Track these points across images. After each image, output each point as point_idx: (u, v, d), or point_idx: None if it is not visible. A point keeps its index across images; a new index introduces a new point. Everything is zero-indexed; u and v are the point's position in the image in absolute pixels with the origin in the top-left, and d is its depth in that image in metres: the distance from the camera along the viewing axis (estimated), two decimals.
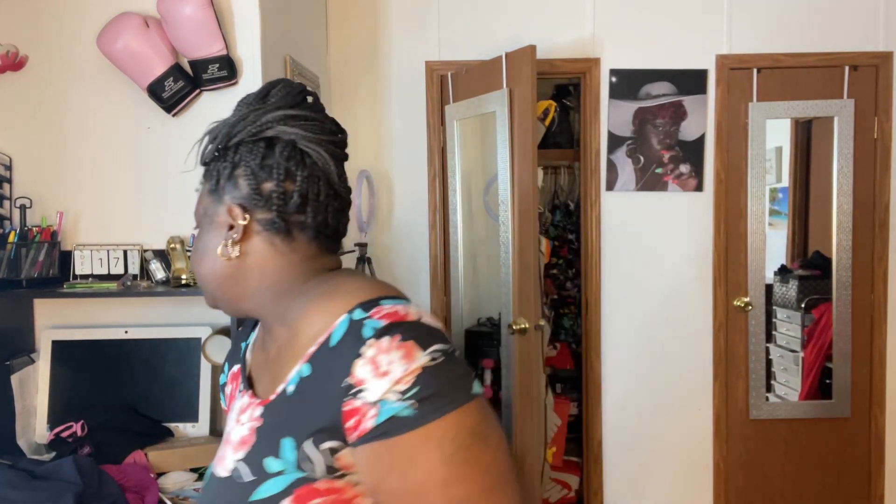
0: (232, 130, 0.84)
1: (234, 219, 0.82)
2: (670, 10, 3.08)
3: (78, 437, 1.89)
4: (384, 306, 0.74)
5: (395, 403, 0.69)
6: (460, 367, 0.74)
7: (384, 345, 0.70)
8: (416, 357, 0.70)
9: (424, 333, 0.73)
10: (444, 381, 0.71)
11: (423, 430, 0.69)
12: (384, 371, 0.69)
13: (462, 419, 0.70)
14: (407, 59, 3.11)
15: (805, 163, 3.26)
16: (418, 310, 0.76)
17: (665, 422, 3.17)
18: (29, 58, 2.07)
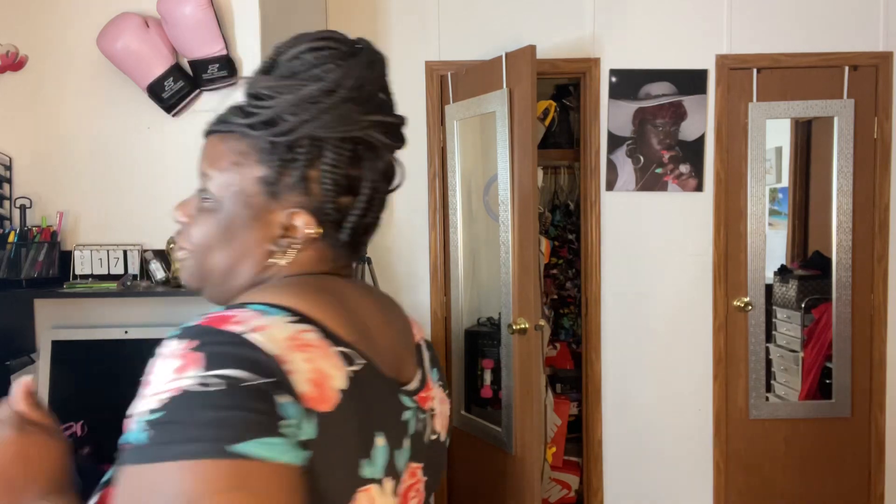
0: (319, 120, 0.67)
1: (300, 227, 0.70)
2: (670, 10, 3.08)
3: (78, 437, 1.89)
4: (236, 310, 0.61)
5: (139, 425, 0.54)
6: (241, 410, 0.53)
7: (171, 348, 0.58)
8: (187, 374, 0.54)
9: (226, 351, 0.56)
10: (194, 417, 0.52)
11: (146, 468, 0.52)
12: (149, 380, 0.57)
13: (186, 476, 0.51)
14: (407, 59, 3.11)
15: (805, 163, 3.25)
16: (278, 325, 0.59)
17: (665, 422, 3.17)
18: (29, 58, 2.07)
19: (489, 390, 3.11)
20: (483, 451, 2.97)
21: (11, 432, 0.64)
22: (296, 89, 0.67)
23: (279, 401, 0.55)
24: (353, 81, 0.68)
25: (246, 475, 0.52)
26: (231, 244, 0.71)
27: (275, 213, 0.70)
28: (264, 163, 0.68)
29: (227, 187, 0.70)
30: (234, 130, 0.70)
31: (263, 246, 0.70)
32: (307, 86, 0.67)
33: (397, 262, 3.16)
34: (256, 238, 0.70)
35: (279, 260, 0.70)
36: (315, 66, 0.68)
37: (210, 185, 0.71)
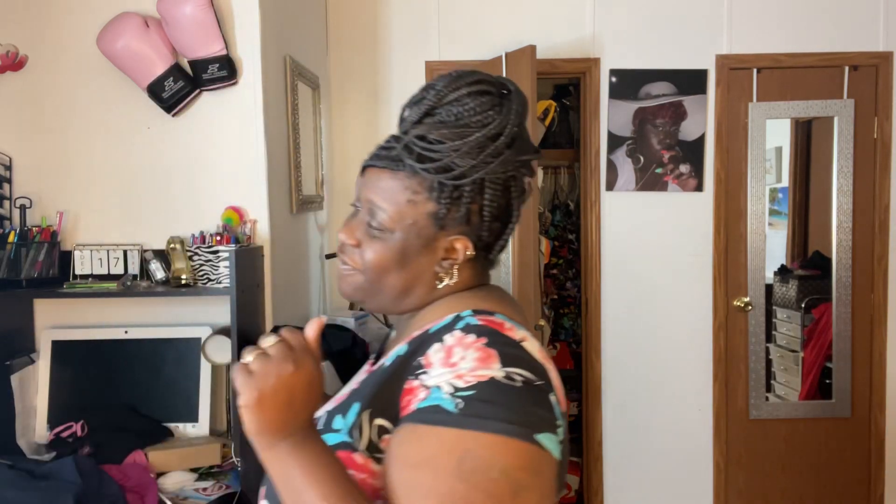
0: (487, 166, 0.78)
1: (460, 251, 0.82)
2: (670, 10, 3.08)
3: (78, 437, 1.89)
4: (495, 317, 0.74)
5: (445, 395, 0.66)
6: (538, 406, 0.67)
7: (466, 340, 0.70)
8: (491, 366, 0.67)
9: (513, 353, 0.69)
10: (506, 402, 0.65)
11: (456, 432, 0.64)
12: (453, 362, 0.68)
13: (502, 449, 0.63)
14: (407, 59, 3.11)
15: (805, 163, 3.26)
16: (528, 337, 0.74)
17: (665, 422, 3.17)
18: (29, 58, 2.07)
19: None
20: None
21: (310, 361, 0.70)
22: (464, 136, 0.77)
23: (553, 402, 0.70)
24: (510, 128, 0.79)
25: (540, 461, 0.65)
26: (405, 268, 0.82)
27: (440, 240, 0.81)
28: (434, 200, 0.79)
29: (401, 219, 0.80)
30: (407, 170, 0.80)
31: (432, 268, 0.83)
32: (473, 133, 0.77)
33: None
34: (426, 262, 0.82)
35: (447, 280, 0.83)
36: (477, 112, 0.78)
37: (382, 216, 0.81)
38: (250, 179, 2.11)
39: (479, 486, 0.62)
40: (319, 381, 0.71)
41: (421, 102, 0.81)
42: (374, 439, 0.71)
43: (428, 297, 0.84)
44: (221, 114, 2.10)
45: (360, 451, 0.72)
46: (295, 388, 0.68)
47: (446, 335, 0.71)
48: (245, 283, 1.95)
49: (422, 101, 0.81)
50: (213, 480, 1.86)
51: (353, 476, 0.70)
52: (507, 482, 0.62)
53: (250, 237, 2.08)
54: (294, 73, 2.41)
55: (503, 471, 0.62)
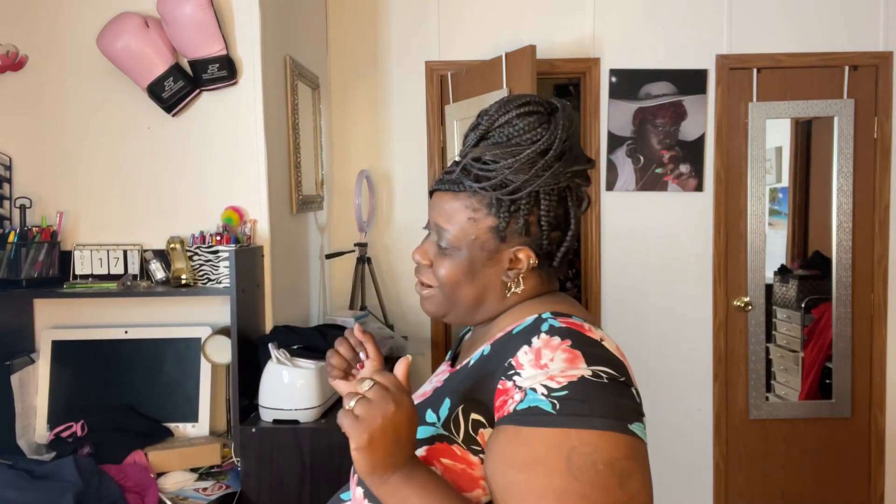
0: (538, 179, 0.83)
1: (523, 261, 0.86)
2: (670, 10, 3.08)
3: (78, 437, 1.89)
4: (574, 319, 0.79)
5: (540, 396, 0.70)
6: (625, 399, 0.72)
7: (553, 343, 0.74)
8: (579, 366, 0.72)
9: (596, 353, 0.74)
10: (598, 398, 0.70)
11: (559, 432, 0.68)
12: (543, 364, 0.72)
13: (603, 443, 0.68)
14: (407, 59, 3.11)
15: (805, 163, 3.26)
16: (606, 336, 0.78)
17: (665, 422, 3.17)
18: (29, 58, 2.07)
19: None
20: None
21: (406, 398, 0.75)
22: (515, 154, 0.83)
23: (635, 394, 0.75)
24: (558, 143, 0.84)
25: (637, 449, 0.70)
26: (475, 280, 0.88)
27: (503, 252, 0.87)
28: (493, 215, 0.85)
29: (466, 236, 0.87)
30: (466, 190, 0.86)
31: (499, 279, 0.88)
32: (524, 150, 0.83)
33: (397, 262, 3.16)
34: (492, 273, 0.88)
35: (514, 288, 0.88)
36: (527, 131, 0.84)
37: (448, 236, 0.88)
38: (250, 179, 2.11)
39: (590, 481, 0.66)
40: (416, 414, 0.76)
41: (477, 128, 0.88)
42: (472, 432, 0.76)
43: (500, 306, 0.90)
44: (221, 114, 2.10)
45: (458, 443, 0.77)
46: (400, 425, 0.73)
47: (533, 338, 0.76)
48: (245, 283, 1.95)
49: (477, 126, 0.88)
50: (213, 480, 1.86)
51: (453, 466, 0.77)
52: (612, 473, 0.67)
53: (250, 237, 2.08)
54: (294, 73, 2.41)
55: (608, 463, 0.67)
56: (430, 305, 0.93)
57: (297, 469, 1.82)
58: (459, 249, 0.87)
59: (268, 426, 1.84)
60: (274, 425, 1.84)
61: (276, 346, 1.88)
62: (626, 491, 0.68)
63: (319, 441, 1.81)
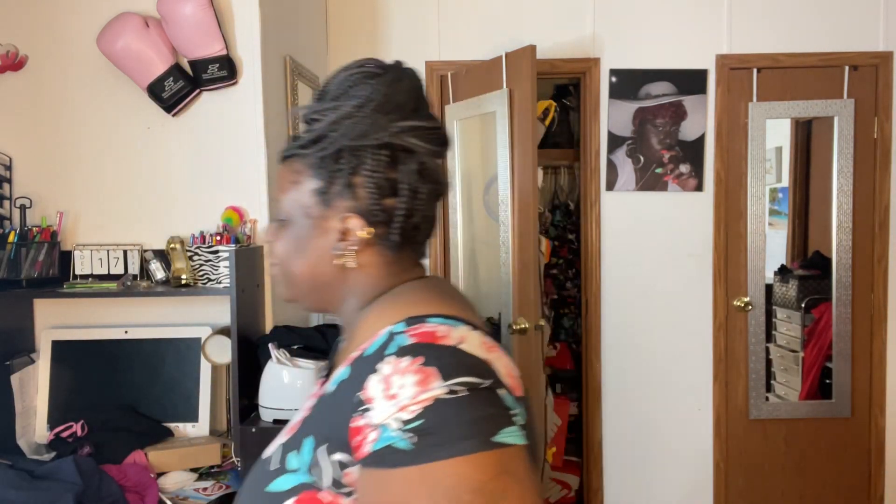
0: (354, 131, 0.77)
1: (353, 230, 0.78)
2: (670, 10, 3.08)
3: (78, 437, 1.89)
4: (426, 324, 0.69)
5: (395, 432, 0.62)
6: (489, 408, 0.64)
7: (402, 365, 0.65)
8: (432, 386, 0.63)
9: (454, 362, 0.66)
10: (458, 419, 0.62)
11: (418, 469, 0.61)
12: (393, 394, 0.64)
13: (468, 469, 0.61)
14: (407, 59, 3.08)
15: (805, 163, 3.26)
16: (467, 334, 0.69)
17: (665, 422, 3.17)
18: (29, 58, 2.07)
19: None
20: None
21: None
22: (336, 109, 0.78)
23: (503, 396, 0.67)
24: (380, 95, 0.78)
25: (507, 460, 0.62)
26: (305, 252, 0.81)
27: (330, 220, 0.79)
28: (316, 176, 0.79)
29: (293, 204, 0.81)
30: (292, 154, 0.82)
31: (329, 251, 0.80)
32: (344, 105, 0.77)
33: None
34: (321, 244, 0.80)
35: (346, 262, 0.79)
36: (351, 86, 0.79)
37: (280, 206, 0.82)
38: (250, 179, 2.11)
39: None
40: None
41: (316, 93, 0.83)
42: (337, 476, 0.68)
43: (345, 288, 0.81)
44: (221, 114, 2.10)
45: (326, 489, 0.68)
46: None
47: (381, 364, 0.66)
48: (245, 283, 1.95)
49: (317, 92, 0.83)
50: (212, 480, 1.86)
51: None
52: (483, 497, 0.61)
53: (250, 237, 2.08)
54: (294, 73, 2.41)
55: (476, 490, 0.60)
56: (278, 287, 0.86)
57: None
58: (290, 220, 0.81)
59: (268, 426, 1.84)
60: (274, 425, 1.84)
61: (276, 346, 1.88)
62: None
63: None
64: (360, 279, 0.81)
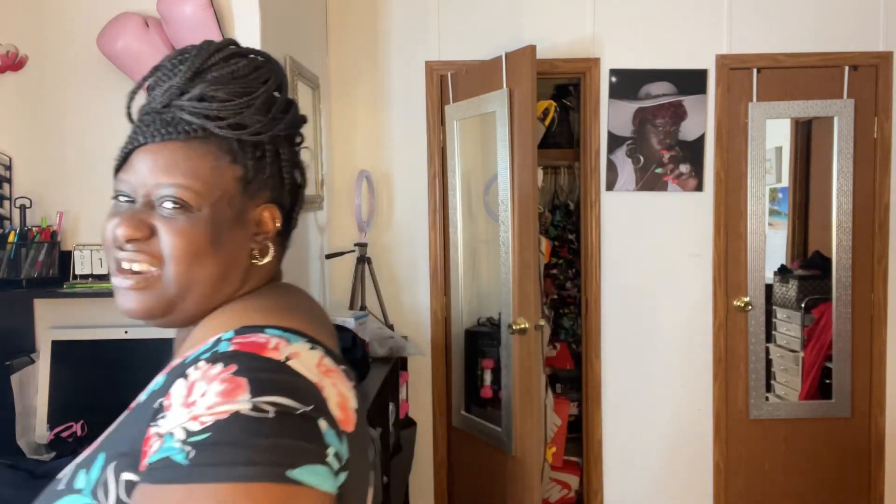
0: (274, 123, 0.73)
1: (270, 221, 0.74)
2: (670, 10, 3.08)
3: (78, 437, 1.89)
4: (259, 334, 0.62)
5: (176, 443, 0.54)
6: (296, 438, 0.55)
7: (212, 372, 0.57)
8: (237, 399, 0.55)
9: (271, 378, 0.57)
10: (248, 440, 0.53)
11: (186, 489, 0.52)
12: (192, 401, 0.56)
13: (240, 499, 0.51)
14: (407, 59, 3.11)
15: (805, 163, 3.25)
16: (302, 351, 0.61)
17: (665, 422, 3.17)
18: (29, 58, 2.07)
19: (489, 390, 3.11)
20: (483, 452, 2.97)
21: None
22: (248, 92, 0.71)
23: (322, 428, 0.57)
24: (285, 86, 0.76)
25: (296, 501, 0.53)
26: (222, 249, 0.70)
27: (251, 211, 0.72)
28: (239, 162, 0.71)
29: (210, 191, 0.69)
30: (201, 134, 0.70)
31: (246, 247, 0.72)
32: (258, 89, 0.72)
33: (397, 262, 3.16)
34: (241, 238, 0.72)
35: (261, 260, 0.73)
36: (252, 69, 0.73)
37: (184, 194, 0.68)
38: None
39: None
40: None
41: (176, 72, 0.72)
42: (123, 497, 0.58)
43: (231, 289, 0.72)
44: None
45: None
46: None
47: (191, 369, 0.59)
48: None
49: (176, 71, 0.72)
50: None
51: None
52: None
53: None
54: (294, 73, 2.41)
55: None
56: (148, 298, 0.69)
57: None
58: (200, 210, 0.68)
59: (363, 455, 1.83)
60: None
61: None
62: None
63: None
64: (253, 277, 0.74)
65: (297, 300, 0.74)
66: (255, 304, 0.70)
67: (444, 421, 3.18)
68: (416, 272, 3.16)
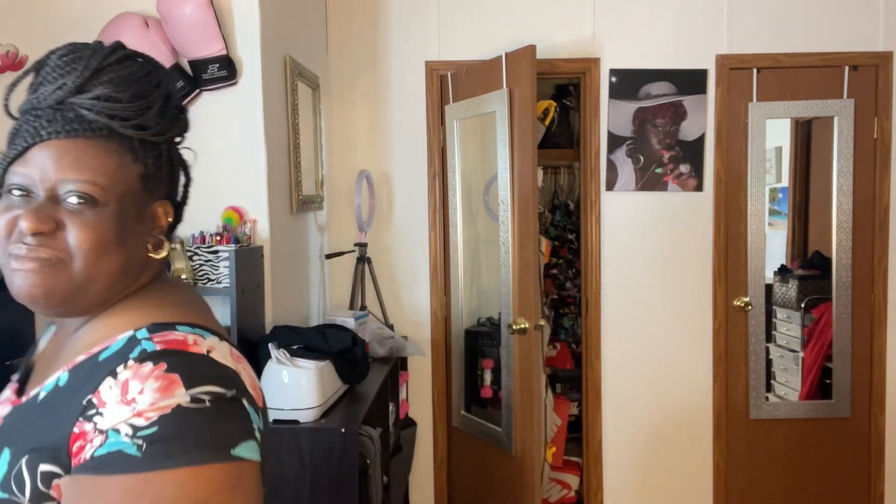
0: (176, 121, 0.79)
1: (163, 216, 0.78)
2: (670, 10, 3.08)
3: None
4: (175, 332, 0.67)
5: (125, 438, 0.59)
6: (232, 420, 0.62)
7: (143, 371, 0.62)
8: (174, 393, 0.60)
9: (199, 371, 0.63)
10: (194, 429, 0.59)
11: (143, 477, 0.57)
12: (130, 399, 0.60)
13: (195, 480, 0.58)
14: (407, 59, 3.11)
15: (805, 163, 3.26)
16: (216, 344, 0.68)
17: (665, 422, 3.17)
18: (29, 58, 2.07)
19: (489, 390, 3.11)
20: (483, 452, 2.98)
21: None
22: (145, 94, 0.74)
23: (248, 407, 0.65)
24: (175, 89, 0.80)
25: (240, 475, 0.61)
26: (125, 243, 0.73)
27: (149, 207, 0.77)
28: (140, 161, 0.74)
29: (115, 187, 0.72)
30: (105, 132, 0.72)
31: (145, 240, 0.76)
32: (153, 91, 0.75)
33: (397, 262, 3.16)
34: (141, 233, 0.76)
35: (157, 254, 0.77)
36: (146, 71, 0.75)
37: (91, 189, 0.70)
38: (250, 179, 2.11)
39: None
40: None
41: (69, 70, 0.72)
42: (43, 487, 0.62)
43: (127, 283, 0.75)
44: (221, 114, 2.10)
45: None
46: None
47: (119, 367, 0.63)
48: (245, 283, 1.95)
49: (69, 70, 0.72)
50: None
51: None
52: None
53: (250, 237, 2.08)
54: (294, 73, 2.41)
55: (199, 501, 0.58)
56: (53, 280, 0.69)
57: (297, 469, 1.82)
58: (107, 205, 0.71)
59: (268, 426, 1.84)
60: (274, 425, 1.84)
61: (276, 346, 1.88)
62: None
63: (319, 441, 1.81)
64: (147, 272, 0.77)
65: (187, 296, 0.79)
66: (156, 301, 0.75)
67: (444, 421, 3.19)
68: (416, 272, 3.16)
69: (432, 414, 3.19)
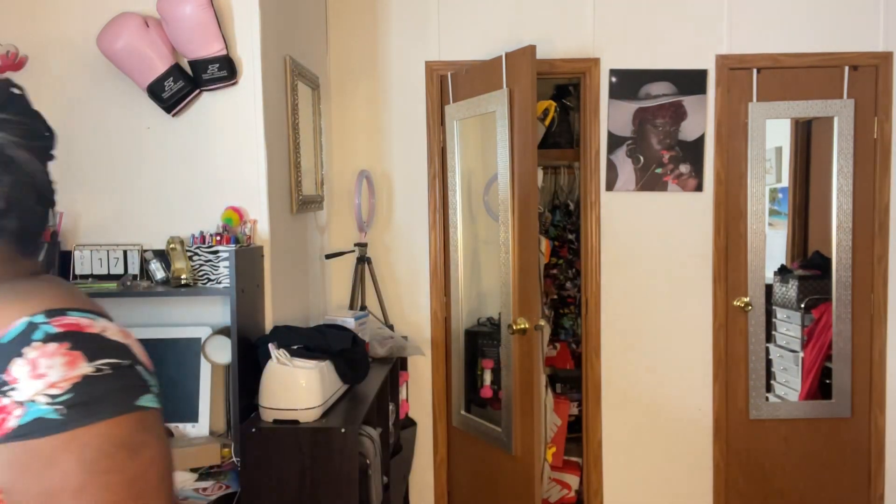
0: None
1: None
2: (670, 10, 3.08)
3: None
4: (69, 317, 0.76)
5: (44, 406, 0.68)
6: (130, 379, 0.74)
7: (49, 349, 0.71)
8: (80, 366, 0.71)
9: (98, 346, 0.74)
10: (102, 391, 0.71)
11: (67, 435, 0.68)
12: (41, 373, 0.70)
13: (111, 429, 0.70)
14: (407, 59, 3.11)
15: (805, 163, 3.26)
16: (107, 325, 0.78)
17: (665, 422, 3.17)
18: (29, 58, 2.07)
19: (489, 390, 3.11)
20: (483, 452, 2.97)
21: None
22: None
23: (140, 371, 0.78)
24: None
25: (146, 420, 0.74)
26: None
27: None
28: None
29: None
30: None
31: None
32: None
33: (397, 262, 3.16)
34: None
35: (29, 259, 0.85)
36: None
37: None
38: (250, 179, 2.11)
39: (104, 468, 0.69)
40: None
41: None
42: None
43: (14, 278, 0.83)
44: (221, 114, 2.10)
45: None
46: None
47: (25, 349, 0.72)
48: (245, 283, 1.95)
49: None
50: (212, 480, 1.86)
51: None
52: (124, 450, 0.71)
53: (250, 237, 2.08)
54: (294, 73, 2.41)
55: (119, 444, 0.70)
56: None
57: (296, 469, 1.82)
58: None
59: (268, 426, 1.84)
60: (274, 425, 1.84)
61: (276, 346, 1.88)
62: (141, 460, 0.72)
63: (319, 441, 1.81)
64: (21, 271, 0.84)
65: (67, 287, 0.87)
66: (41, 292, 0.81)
67: (444, 421, 3.19)
68: (416, 272, 3.16)
69: (432, 414, 3.19)
